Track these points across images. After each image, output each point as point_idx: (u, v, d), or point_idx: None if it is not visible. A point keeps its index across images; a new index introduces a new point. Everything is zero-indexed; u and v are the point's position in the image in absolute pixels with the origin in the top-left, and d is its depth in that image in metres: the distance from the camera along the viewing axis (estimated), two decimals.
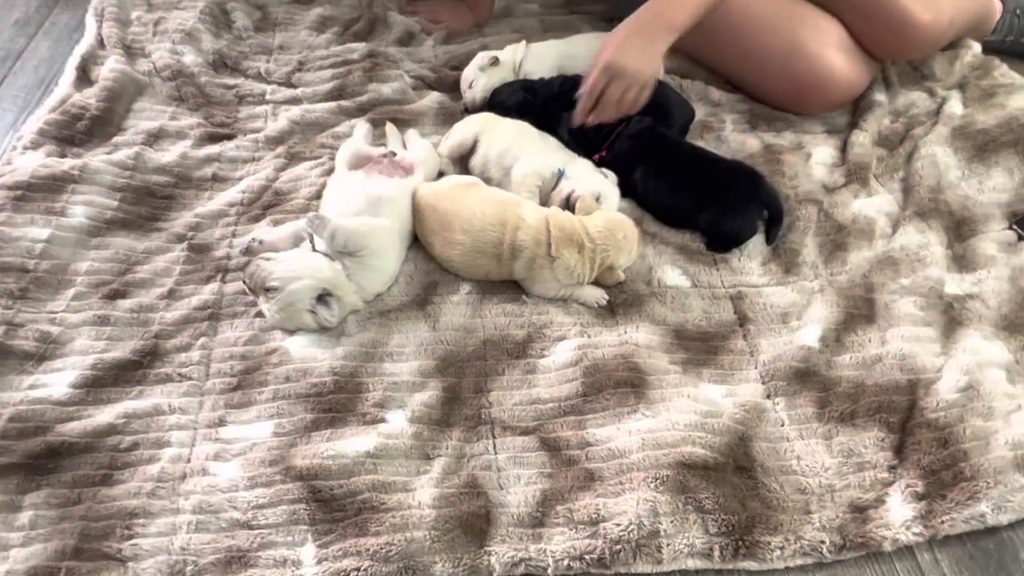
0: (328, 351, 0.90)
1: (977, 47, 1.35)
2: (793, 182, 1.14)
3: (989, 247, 1.04)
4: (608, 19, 1.49)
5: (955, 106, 1.25)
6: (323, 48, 1.39)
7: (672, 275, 1.02)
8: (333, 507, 0.76)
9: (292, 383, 0.87)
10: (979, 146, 1.18)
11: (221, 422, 0.84)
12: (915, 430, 0.83)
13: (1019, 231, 1.06)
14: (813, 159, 1.19)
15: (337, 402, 0.85)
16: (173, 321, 0.94)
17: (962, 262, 1.03)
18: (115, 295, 0.96)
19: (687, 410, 0.84)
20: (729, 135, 1.24)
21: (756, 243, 1.06)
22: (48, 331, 0.91)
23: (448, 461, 0.81)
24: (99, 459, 0.80)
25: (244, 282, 0.93)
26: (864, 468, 0.81)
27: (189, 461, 0.81)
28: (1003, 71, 1.31)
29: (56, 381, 0.87)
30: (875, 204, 1.11)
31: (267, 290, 0.90)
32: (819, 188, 1.13)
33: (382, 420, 0.83)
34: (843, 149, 1.22)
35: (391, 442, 0.81)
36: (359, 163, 1.07)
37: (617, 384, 0.86)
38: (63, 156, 1.13)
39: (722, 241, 1.05)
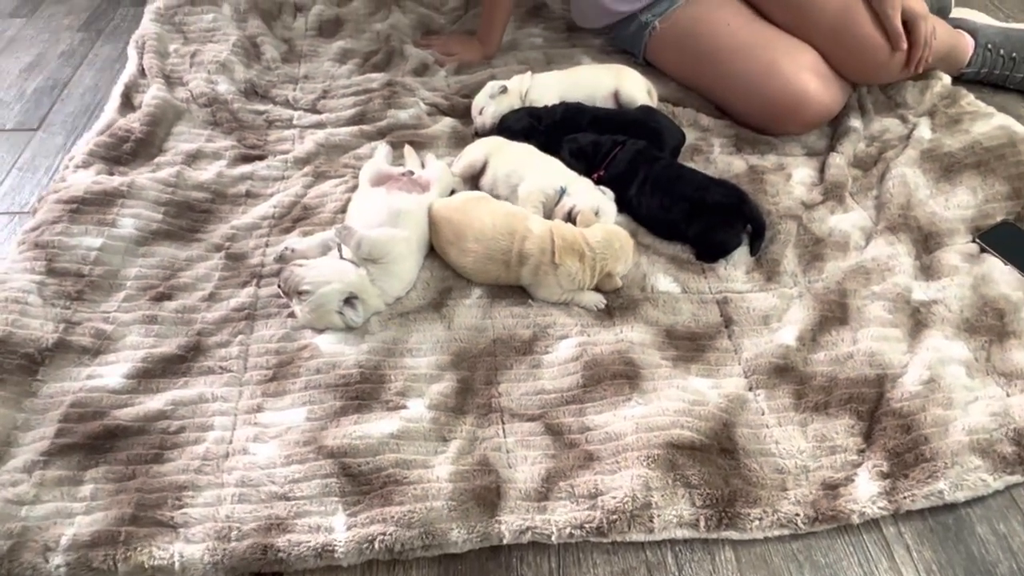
0: (354, 347, 1.00)
1: (947, 78, 1.47)
2: (775, 199, 1.25)
3: (953, 258, 1.14)
4: (606, 51, 1.62)
5: (924, 131, 1.36)
6: (345, 78, 1.51)
7: (664, 282, 1.12)
8: (361, 481, 0.85)
9: (322, 375, 0.96)
10: (945, 167, 1.29)
11: (259, 409, 0.94)
12: (882, 418, 0.93)
13: (981, 244, 1.16)
14: (793, 179, 1.30)
15: (363, 391, 0.95)
16: (214, 321, 1.04)
17: (928, 271, 1.13)
18: (161, 297, 1.07)
19: (676, 399, 0.94)
20: (717, 157, 1.35)
21: (741, 254, 1.16)
22: (103, 328, 1.02)
23: (462, 443, 0.90)
24: (151, 440, 0.90)
25: (279, 286, 1.03)
26: (836, 451, 0.91)
27: (231, 442, 0.90)
28: (969, 100, 1.43)
29: (111, 372, 0.97)
30: (850, 220, 1.22)
31: (300, 293, 1.01)
32: (798, 205, 1.24)
33: (403, 407, 0.93)
34: (821, 170, 1.32)
35: (412, 426, 0.90)
36: (380, 181, 1.18)
37: (614, 376, 0.96)
38: (111, 174, 1.24)
39: (710, 252, 1.15)
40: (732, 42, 1.36)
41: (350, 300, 1.01)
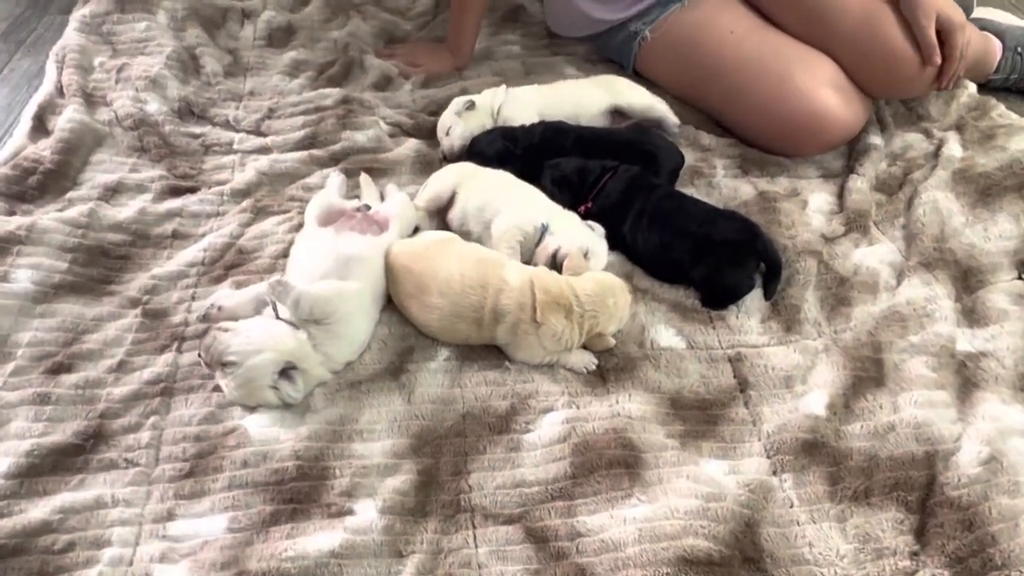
0: (291, 431, 0.82)
1: (973, 87, 1.31)
2: (790, 231, 1.08)
3: (1000, 299, 0.98)
4: (591, 60, 1.45)
5: (954, 148, 1.20)
6: (295, 94, 1.32)
7: (666, 336, 0.95)
8: None
9: (250, 469, 0.78)
10: (981, 190, 1.13)
11: (170, 516, 0.76)
12: (936, 510, 0.76)
13: None
14: (810, 206, 1.13)
15: (299, 491, 0.76)
16: (121, 398, 0.85)
17: (972, 316, 0.97)
18: (59, 369, 0.88)
19: (687, 493, 0.76)
20: (721, 181, 1.18)
21: (754, 299, 1.00)
22: None
23: (423, 559, 0.72)
24: (29, 564, 0.71)
25: (200, 355, 0.85)
26: (883, 555, 0.74)
27: (131, 564, 0.72)
28: (1001, 111, 1.27)
29: None
30: (877, 254, 1.05)
31: (224, 364, 0.82)
32: (818, 238, 1.07)
33: (349, 512, 0.75)
34: (840, 195, 1.16)
35: (359, 539, 0.72)
36: (330, 218, 1.00)
37: (609, 464, 0.78)
38: (12, 214, 1.05)
39: (718, 297, 0.98)
40: (737, 53, 1.19)
41: (287, 371, 0.83)
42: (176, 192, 1.13)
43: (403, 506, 0.76)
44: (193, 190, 1.13)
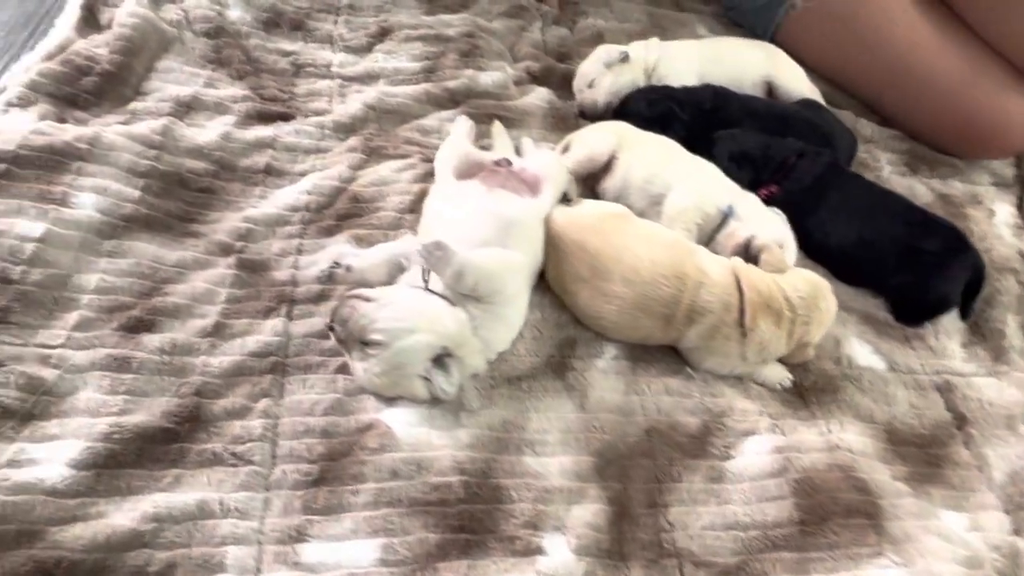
0: (446, 434, 0.65)
1: None
2: (984, 244, 0.94)
3: None
4: (723, 22, 1.27)
5: None
6: (408, 14, 1.11)
7: (862, 353, 0.81)
8: None
9: (402, 481, 0.61)
10: None
11: (299, 535, 0.59)
12: None
13: None
14: (997, 217, 1.00)
15: (472, 517, 0.60)
16: (221, 371, 0.67)
17: None
18: (138, 326, 0.69)
19: (943, 556, 0.63)
20: (889, 177, 1.04)
21: (951, 318, 0.86)
22: (39, 376, 0.63)
23: None
24: None
25: (331, 327, 0.67)
26: None
27: None
28: None
29: (50, 456, 0.59)
30: None
31: (366, 343, 0.65)
32: (1015, 254, 0.94)
33: (538, 550, 0.59)
34: (1019, 206, 1.03)
35: None
36: (468, 171, 0.82)
37: (847, 512, 0.64)
38: (63, 121, 0.84)
39: (917, 311, 0.85)
40: (911, 38, 1.05)
41: (442, 359, 0.65)
42: (265, 118, 0.93)
43: (599, 546, 0.60)
44: (286, 117, 0.93)
